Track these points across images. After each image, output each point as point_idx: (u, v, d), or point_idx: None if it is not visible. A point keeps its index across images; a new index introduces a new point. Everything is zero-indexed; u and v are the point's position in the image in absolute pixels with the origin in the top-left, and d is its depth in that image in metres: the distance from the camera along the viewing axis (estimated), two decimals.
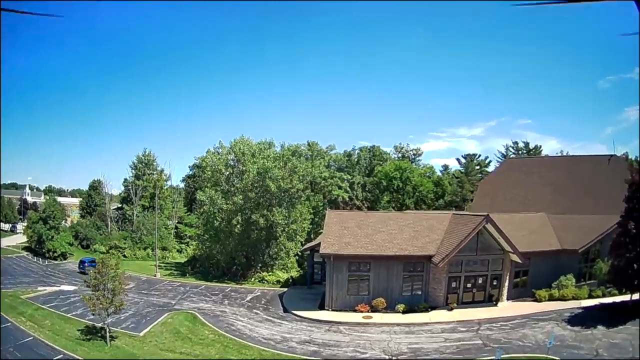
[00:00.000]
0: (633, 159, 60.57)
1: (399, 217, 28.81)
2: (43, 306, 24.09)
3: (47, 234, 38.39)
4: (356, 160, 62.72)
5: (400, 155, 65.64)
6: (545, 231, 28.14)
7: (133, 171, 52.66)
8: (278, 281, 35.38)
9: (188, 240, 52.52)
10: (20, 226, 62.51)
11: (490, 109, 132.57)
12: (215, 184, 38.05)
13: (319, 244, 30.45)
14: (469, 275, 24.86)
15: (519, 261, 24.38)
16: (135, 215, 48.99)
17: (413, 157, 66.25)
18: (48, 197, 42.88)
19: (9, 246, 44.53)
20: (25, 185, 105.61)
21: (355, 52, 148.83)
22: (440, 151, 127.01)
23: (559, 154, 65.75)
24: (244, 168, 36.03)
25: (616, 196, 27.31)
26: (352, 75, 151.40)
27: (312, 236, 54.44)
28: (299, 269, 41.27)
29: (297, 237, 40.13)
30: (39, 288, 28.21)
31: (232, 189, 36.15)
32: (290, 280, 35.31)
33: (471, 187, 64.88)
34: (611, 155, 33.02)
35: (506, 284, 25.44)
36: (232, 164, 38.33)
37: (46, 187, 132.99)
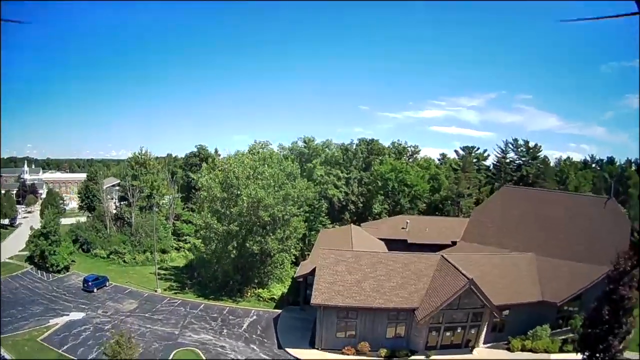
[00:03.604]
0: (634, 168, 60.51)
1: (389, 259, 29.84)
2: (61, 352, 25.82)
3: (49, 250, 39.75)
4: (353, 154, 62.28)
5: (397, 152, 65.03)
6: (529, 279, 29.26)
7: (130, 171, 52.67)
8: (272, 298, 37.49)
9: (186, 237, 54.10)
10: (19, 217, 63.21)
11: (491, 82, 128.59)
12: (211, 201, 38.59)
13: (311, 271, 32.03)
14: (449, 325, 26.57)
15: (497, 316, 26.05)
16: (133, 217, 49.96)
17: (411, 154, 65.70)
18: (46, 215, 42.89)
19: (12, 258, 45.47)
20: (24, 161, 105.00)
21: (358, 20, 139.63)
22: (438, 119, 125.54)
23: (558, 156, 65.55)
24: (238, 192, 36.30)
25: (606, 242, 28.20)
26: (354, 42, 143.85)
27: (307, 233, 56.20)
28: (293, 265, 43.12)
29: (292, 250, 41.53)
30: (50, 322, 29.99)
31: (227, 212, 36.73)
32: (284, 297, 37.41)
33: (467, 184, 65.46)
34: (608, 198, 33.02)
35: (484, 331, 27.30)
36: (228, 182, 38.30)
37: (44, 161, 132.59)
